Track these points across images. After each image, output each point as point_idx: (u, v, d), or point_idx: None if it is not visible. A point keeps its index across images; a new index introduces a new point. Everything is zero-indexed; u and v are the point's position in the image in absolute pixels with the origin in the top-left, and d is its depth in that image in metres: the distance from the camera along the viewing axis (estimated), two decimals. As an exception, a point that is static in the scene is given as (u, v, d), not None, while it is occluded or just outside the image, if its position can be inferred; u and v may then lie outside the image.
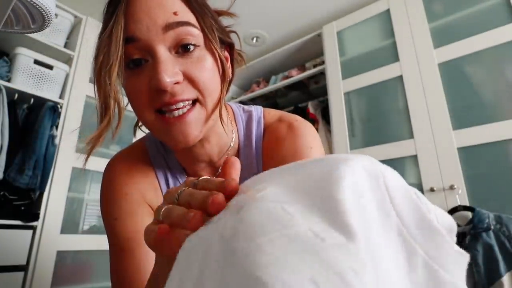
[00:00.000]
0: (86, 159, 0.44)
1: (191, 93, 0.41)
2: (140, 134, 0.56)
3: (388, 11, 1.71)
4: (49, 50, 1.63)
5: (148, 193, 0.51)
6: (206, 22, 0.43)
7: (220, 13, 0.52)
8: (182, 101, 0.40)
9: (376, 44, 1.73)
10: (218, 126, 0.48)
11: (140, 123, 0.52)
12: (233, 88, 2.66)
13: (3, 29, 0.68)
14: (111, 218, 0.49)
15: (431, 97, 1.45)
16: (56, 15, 1.65)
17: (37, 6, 0.63)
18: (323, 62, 1.98)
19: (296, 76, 2.14)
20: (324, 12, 2.06)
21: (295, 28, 2.20)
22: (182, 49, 0.40)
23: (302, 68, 2.22)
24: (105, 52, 0.39)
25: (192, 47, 0.41)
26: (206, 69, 0.41)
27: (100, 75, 0.39)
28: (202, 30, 0.42)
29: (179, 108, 0.40)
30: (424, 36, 1.54)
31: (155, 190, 0.52)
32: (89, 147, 0.43)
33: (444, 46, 1.48)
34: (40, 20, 0.68)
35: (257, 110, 0.57)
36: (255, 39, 2.31)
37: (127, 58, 0.40)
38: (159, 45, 0.39)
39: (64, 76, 1.65)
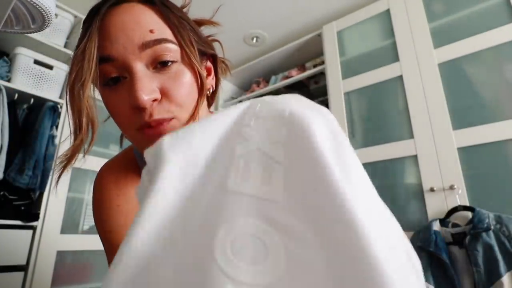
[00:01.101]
0: (58, 179, 0.42)
1: (168, 113, 0.40)
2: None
3: (388, 11, 1.71)
4: (49, 50, 1.63)
5: None
6: (184, 36, 0.42)
7: (201, 23, 0.51)
8: (161, 120, 0.40)
9: (376, 44, 1.73)
10: None
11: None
12: (233, 88, 2.66)
13: (3, 29, 0.68)
14: (106, 231, 0.49)
15: (431, 97, 1.45)
16: (56, 15, 1.65)
17: (37, 6, 0.63)
18: (323, 62, 1.98)
19: (296, 76, 2.14)
20: (324, 12, 2.06)
21: (295, 28, 2.20)
22: (160, 64, 0.40)
23: (302, 68, 2.22)
24: (79, 68, 0.38)
25: (169, 63, 0.40)
26: (184, 84, 0.41)
27: (73, 91, 0.39)
28: (180, 45, 0.41)
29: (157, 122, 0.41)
30: (424, 36, 1.54)
31: None
32: (62, 165, 0.41)
33: (444, 46, 1.48)
34: (40, 20, 0.68)
35: None
36: (255, 39, 2.31)
37: (105, 77, 0.40)
38: (136, 62, 0.39)
39: (64, 76, 1.65)
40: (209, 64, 0.49)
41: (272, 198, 0.20)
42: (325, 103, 2.05)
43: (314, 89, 2.22)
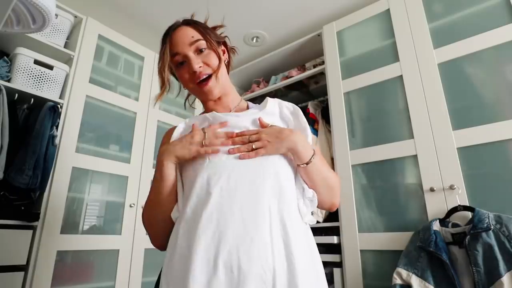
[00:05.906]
0: (155, 104, 1.05)
1: (208, 70, 0.78)
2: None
3: (388, 11, 1.71)
4: (49, 50, 1.63)
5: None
6: (207, 36, 0.81)
7: (214, 27, 0.89)
8: (205, 75, 0.78)
9: (376, 44, 1.73)
10: (229, 87, 0.86)
11: (187, 99, 0.95)
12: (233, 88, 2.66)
13: (3, 29, 0.68)
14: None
15: (431, 97, 1.45)
16: (56, 15, 1.65)
17: (37, 6, 0.63)
18: (323, 62, 1.98)
19: (296, 76, 2.14)
20: (324, 12, 2.06)
21: (295, 28, 2.20)
22: (199, 51, 0.79)
23: (302, 68, 2.22)
24: (163, 59, 0.79)
25: (204, 50, 0.79)
26: (213, 58, 0.79)
27: (160, 68, 0.79)
28: (207, 40, 0.80)
29: (204, 79, 0.78)
30: (424, 36, 1.54)
31: None
32: (155, 101, 0.85)
33: (444, 46, 1.48)
34: (40, 20, 0.68)
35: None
36: (255, 39, 2.31)
37: (176, 62, 0.79)
38: (189, 52, 0.78)
39: (64, 76, 1.66)
40: (223, 47, 0.89)
41: None
42: (325, 103, 2.05)
43: (314, 89, 2.22)
